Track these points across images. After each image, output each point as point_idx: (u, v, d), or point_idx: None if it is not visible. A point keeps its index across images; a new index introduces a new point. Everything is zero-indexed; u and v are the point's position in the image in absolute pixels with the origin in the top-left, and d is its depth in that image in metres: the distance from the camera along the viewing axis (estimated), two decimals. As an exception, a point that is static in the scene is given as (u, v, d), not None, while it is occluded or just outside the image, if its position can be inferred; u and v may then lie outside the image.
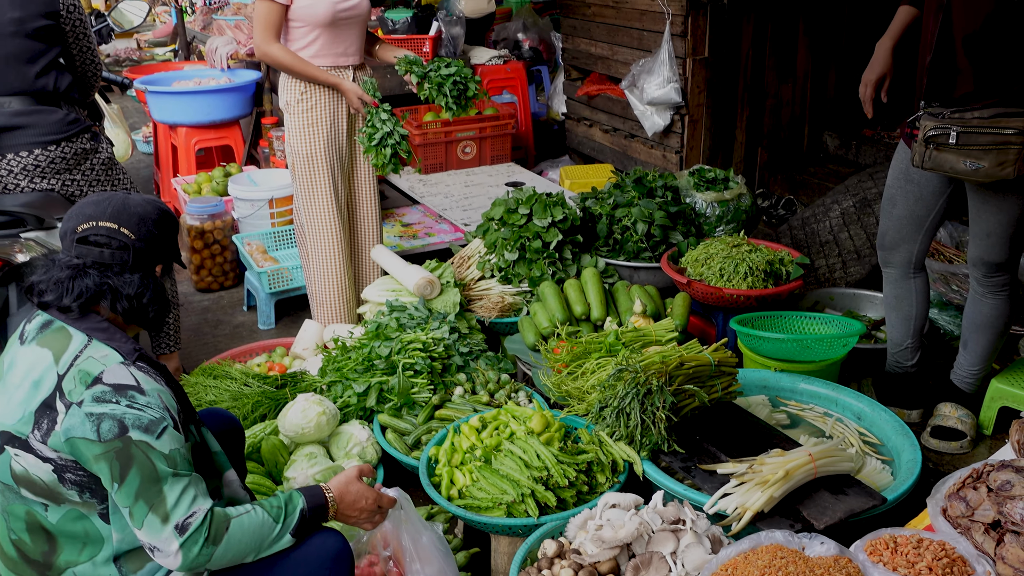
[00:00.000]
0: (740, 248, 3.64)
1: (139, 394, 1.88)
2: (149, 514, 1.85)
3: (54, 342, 1.94)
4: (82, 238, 1.99)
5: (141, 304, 2.03)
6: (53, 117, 3.23)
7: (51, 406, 1.87)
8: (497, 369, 3.43)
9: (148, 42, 10.02)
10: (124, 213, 2.01)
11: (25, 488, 1.91)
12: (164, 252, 2.11)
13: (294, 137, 3.81)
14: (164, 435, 1.88)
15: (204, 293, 5.06)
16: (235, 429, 2.57)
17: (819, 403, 3.15)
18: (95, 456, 1.85)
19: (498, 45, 7.34)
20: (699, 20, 4.99)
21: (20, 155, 3.17)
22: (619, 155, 5.86)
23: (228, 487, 2.17)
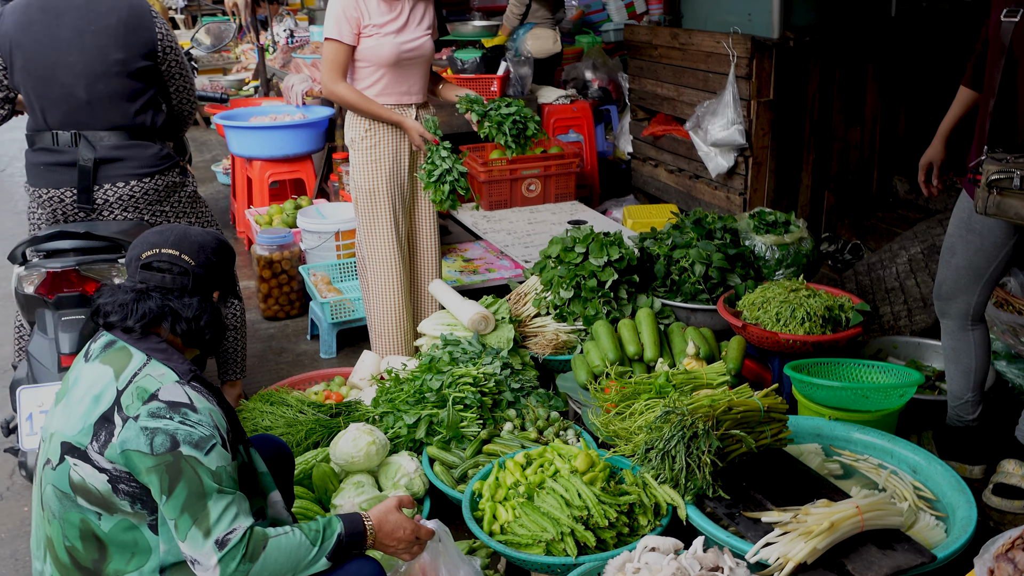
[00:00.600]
0: (798, 293, 3.60)
1: (191, 412, 1.98)
2: (192, 527, 1.93)
3: (116, 360, 2.05)
4: (146, 264, 2.14)
5: (198, 327, 2.15)
6: (148, 152, 3.41)
7: (109, 419, 1.97)
8: (547, 406, 3.44)
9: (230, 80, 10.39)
10: (185, 242, 2.17)
11: (81, 497, 2.00)
12: (221, 279, 2.24)
13: (358, 172, 3.92)
14: (212, 452, 1.97)
15: (270, 321, 5.19)
16: (285, 455, 2.65)
17: (874, 454, 3.08)
18: (147, 468, 1.94)
19: (567, 84, 7.41)
20: (764, 62, 4.97)
21: (116, 185, 3.36)
22: (684, 195, 5.85)
23: (272, 508, 2.23)
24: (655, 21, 6.54)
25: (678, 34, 5.67)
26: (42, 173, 3.36)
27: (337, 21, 3.70)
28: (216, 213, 7.27)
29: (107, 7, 3.28)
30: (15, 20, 3.25)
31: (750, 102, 5.04)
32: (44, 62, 3.25)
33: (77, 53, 3.25)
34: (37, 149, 3.37)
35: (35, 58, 3.25)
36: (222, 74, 11.41)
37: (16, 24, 3.24)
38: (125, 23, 3.29)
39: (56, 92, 3.27)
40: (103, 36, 3.26)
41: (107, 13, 3.27)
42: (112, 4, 3.29)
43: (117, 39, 3.28)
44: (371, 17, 3.72)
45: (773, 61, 4.99)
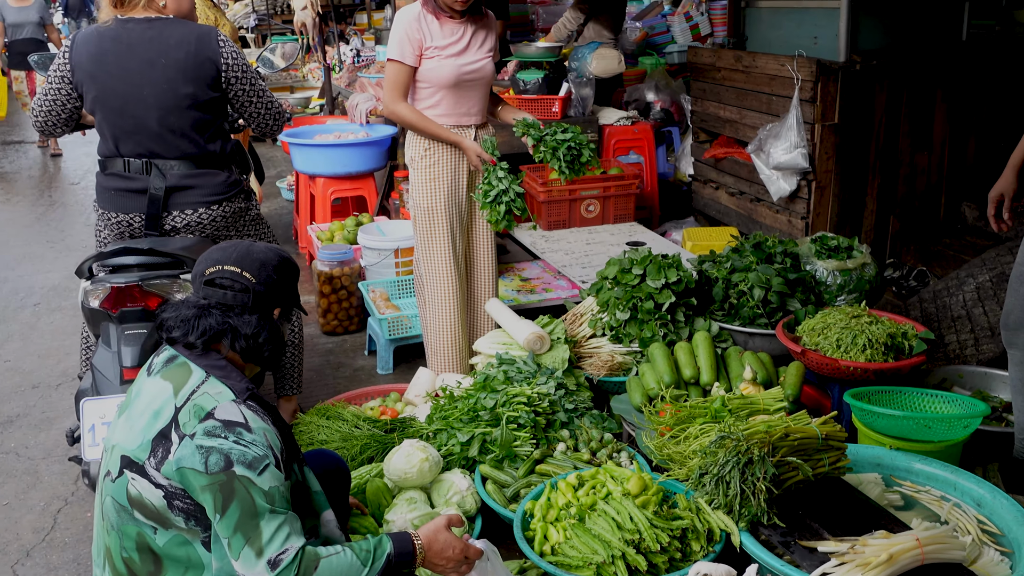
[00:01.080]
0: (860, 319, 3.54)
1: (246, 431, 2.01)
2: (245, 547, 1.95)
3: (176, 376, 2.10)
4: (209, 280, 2.19)
5: (257, 343, 2.18)
6: (216, 179, 3.49)
7: (167, 436, 2.01)
8: (601, 428, 3.43)
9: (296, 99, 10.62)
10: (248, 259, 2.21)
11: (138, 510, 2.04)
12: (283, 296, 2.27)
13: (417, 191, 3.96)
14: (265, 472, 1.99)
15: (329, 336, 5.26)
16: (342, 471, 2.68)
17: (936, 486, 3.00)
18: (201, 487, 1.97)
19: (629, 106, 7.41)
20: (829, 86, 4.92)
21: (185, 212, 3.44)
22: (744, 219, 5.80)
23: (325, 527, 2.25)
24: (719, 43, 6.52)
25: (742, 57, 5.64)
26: (113, 198, 3.44)
27: (400, 42, 3.76)
28: (279, 228, 7.43)
29: (176, 39, 3.32)
30: (88, 51, 3.31)
31: (814, 125, 4.98)
32: (116, 93, 3.31)
33: (149, 86, 3.31)
34: (109, 174, 3.45)
35: (107, 89, 3.32)
36: (289, 92, 11.66)
37: (89, 55, 3.31)
38: (194, 55, 3.32)
39: (128, 123, 3.35)
40: (173, 69, 3.31)
41: (176, 46, 3.32)
42: (181, 36, 3.33)
43: (186, 72, 3.32)
44: (433, 39, 3.77)
45: (839, 84, 4.93)
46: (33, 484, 3.78)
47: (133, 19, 3.32)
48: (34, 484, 3.78)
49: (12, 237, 7.60)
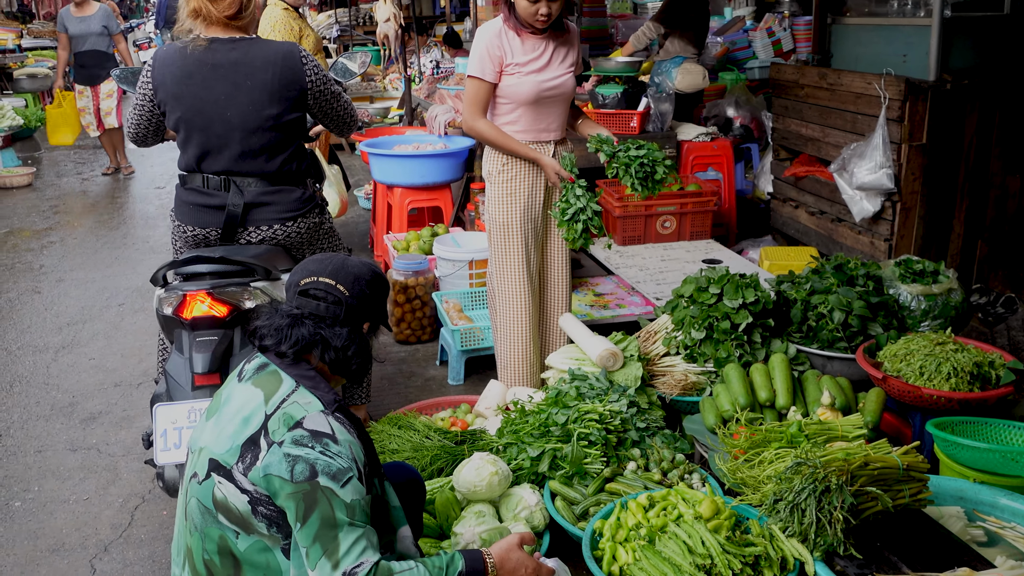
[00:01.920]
0: (945, 347, 3.43)
1: (332, 443, 2.04)
2: (323, 558, 1.97)
3: (267, 384, 2.14)
4: (304, 291, 2.24)
5: (346, 356, 2.22)
6: (292, 196, 3.51)
7: (256, 442, 2.05)
8: (673, 448, 3.39)
9: (376, 108, 10.76)
10: (342, 272, 2.26)
11: (222, 514, 2.08)
12: (373, 311, 2.31)
13: (493, 205, 3.98)
14: (348, 485, 2.01)
15: (402, 345, 5.31)
16: (418, 485, 2.69)
17: (1022, 522, 2.88)
18: (286, 494, 2.00)
19: (708, 121, 7.34)
20: (918, 105, 4.79)
21: (261, 229, 3.47)
22: (824, 239, 5.68)
23: (401, 542, 2.26)
24: (803, 60, 6.42)
25: (827, 74, 5.54)
26: (191, 212, 3.48)
27: (480, 59, 3.77)
28: (356, 236, 7.54)
29: (262, 61, 3.35)
30: (172, 73, 3.35)
31: (900, 145, 4.86)
32: (201, 114, 3.35)
33: (234, 108, 3.35)
34: (188, 188, 3.49)
35: (192, 110, 3.35)
36: (369, 102, 11.84)
37: (173, 77, 3.35)
38: (280, 77, 3.35)
39: (212, 142, 3.39)
40: (258, 91, 3.34)
41: (262, 68, 3.34)
42: (267, 58, 3.36)
43: (272, 94, 3.36)
44: (514, 56, 3.78)
45: (928, 104, 4.81)
46: (112, 480, 3.89)
47: (218, 39, 3.35)
48: (113, 480, 3.89)
49: (103, 244, 7.86)
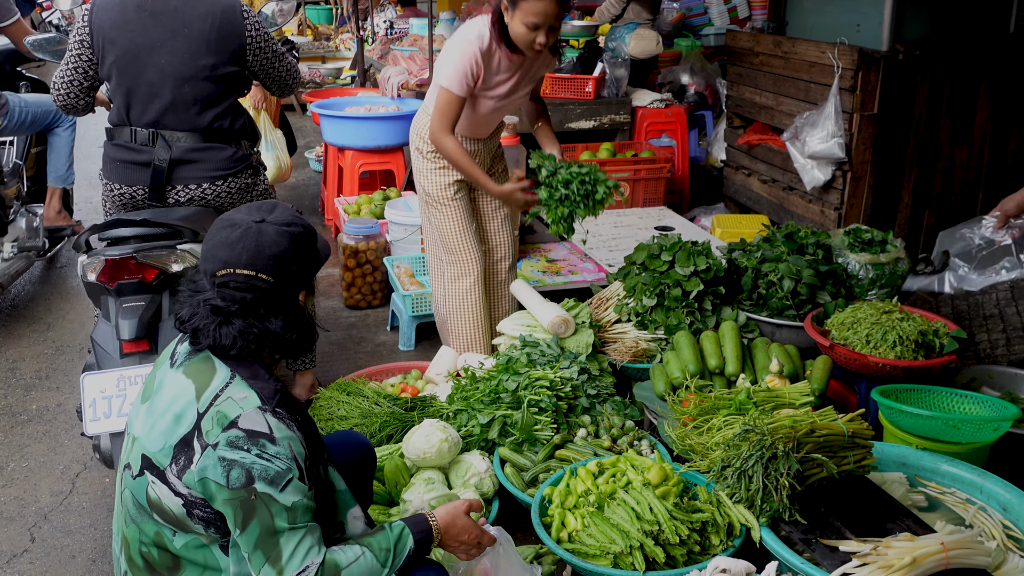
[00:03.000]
0: (891, 315, 3.47)
1: (270, 443, 1.92)
2: (266, 565, 1.90)
3: (199, 374, 2.00)
4: (222, 283, 2.00)
5: (288, 340, 2.06)
6: (222, 154, 3.44)
7: (189, 443, 1.94)
8: (623, 415, 3.40)
9: (328, 69, 10.57)
10: (259, 256, 1.99)
11: (157, 513, 2.00)
12: (305, 278, 2.10)
13: (425, 177, 3.93)
14: (288, 487, 1.92)
15: (352, 310, 5.25)
16: (368, 454, 2.64)
17: (962, 488, 2.94)
18: (223, 500, 1.92)
19: (663, 88, 7.32)
20: (870, 75, 4.82)
21: (189, 187, 3.41)
22: (775, 207, 5.72)
23: (352, 524, 2.18)
24: (758, 28, 6.41)
25: (781, 42, 5.54)
26: (117, 169, 3.41)
27: (459, 75, 3.57)
28: (306, 200, 7.42)
29: (202, 10, 3.29)
30: (111, 17, 3.29)
31: (852, 115, 4.89)
32: (135, 61, 3.29)
33: (169, 55, 3.28)
34: (116, 144, 3.42)
35: (127, 56, 3.28)
36: (321, 62, 11.63)
37: (112, 21, 3.28)
38: (218, 28, 3.30)
39: (143, 91, 3.32)
40: (195, 40, 3.29)
41: (201, 17, 3.29)
42: (207, 7, 3.30)
43: (209, 44, 3.30)
44: (489, 76, 3.65)
45: (880, 74, 4.83)
46: (54, 448, 3.80)
47: None
48: (55, 448, 3.81)
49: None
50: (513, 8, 3.45)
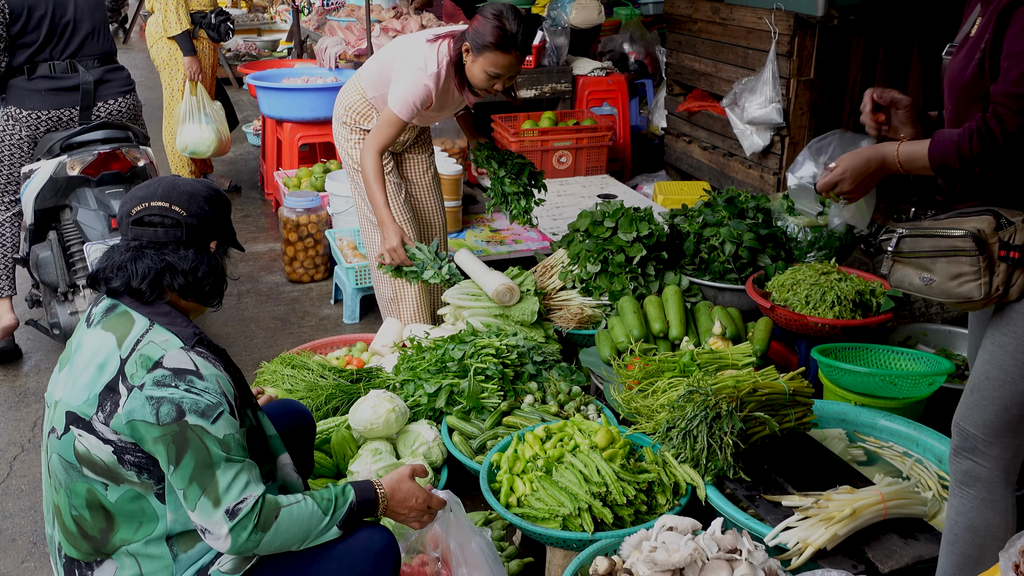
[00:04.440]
0: (829, 276, 3.53)
1: (197, 379, 1.93)
2: (202, 497, 1.90)
3: (117, 326, 2.00)
4: (137, 220, 2.06)
5: (196, 278, 2.07)
6: (123, 73, 4.30)
7: (114, 389, 1.93)
8: (569, 380, 3.41)
9: (264, 41, 10.37)
10: (174, 192, 2.08)
11: (87, 467, 1.97)
12: (217, 228, 2.14)
13: (353, 147, 3.91)
14: (220, 420, 1.92)
15: (295, 284, 5.19)
16: (307, 425, 2.62)
17: (899, 442, 3.03)
18: (153, 439, 1.90)
19: (604, 57, 7.31)
20: (806, 40, 4.87)
21: (108, 103, 4.17)
22: (716, 173, 5.77)
23: (281, 470, 2.20)
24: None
25: (719, 8, 5.56)
26: (43, 97, 4.01)
27: (408, 105, 3.56)
28: (245, 174, 7.30)
29: None
30: None
31: (790, 80, 4.94)
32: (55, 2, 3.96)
33: None
34: (35, 78, 4.01)
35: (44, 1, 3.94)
36: (257, 35, 11.40)
37: None
38: None
39: (64, 27, 3.99)
40: None
41: None
42: None
43: None
44: (434, 104, 3.66)
45: (816, 39, 4.88)
46: (-10, 430, 3.71)
47: None
48: (-9, 430, 3.71)
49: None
50: (476, 55, 3.47)
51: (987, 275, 2.00)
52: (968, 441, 2.14)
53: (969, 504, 2.15)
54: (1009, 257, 1.97)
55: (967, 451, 2.14)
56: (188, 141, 5.99)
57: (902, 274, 2.17)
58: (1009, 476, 2.12)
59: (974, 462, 2.13)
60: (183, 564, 2.02)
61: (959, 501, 2.17)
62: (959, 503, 2.17)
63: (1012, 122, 1.87)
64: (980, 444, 2.12)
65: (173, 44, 5.96)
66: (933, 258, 2.08)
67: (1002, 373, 2.06)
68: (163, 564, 2.01)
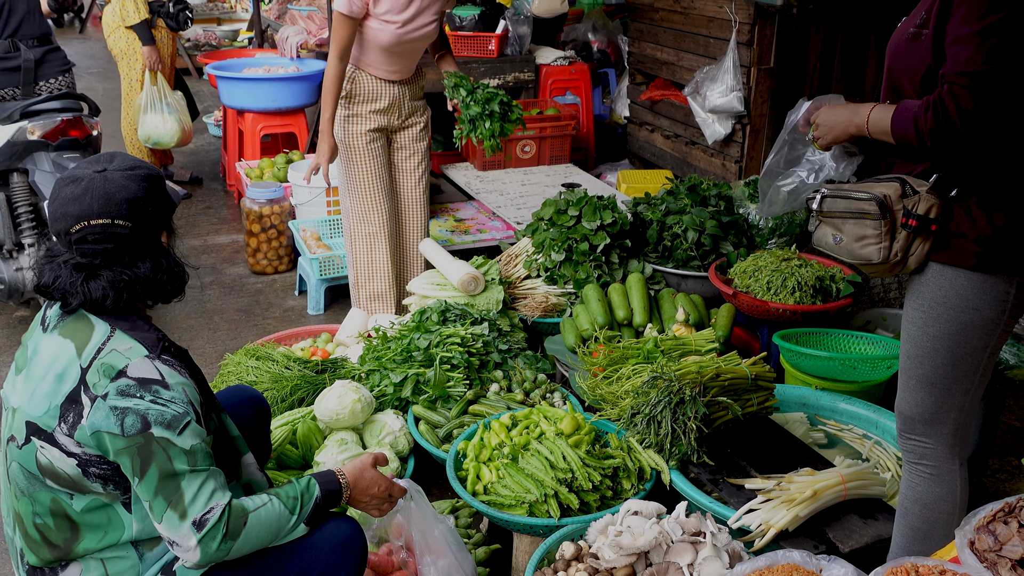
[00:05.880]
0: (790, 262, 3.58)
1: (163, 389, 1.88)
2: (168, 510, 1.86)
3: (76, 332, 1.93)
4: (79, 239, 1.91)
5: (159, 282, 1.99)
6: (60, 54, 4.70)
7: (76, 400, 1.88)
8: (535, 368, 3.43)
9: (224, 31, 10.24)
10: (111, 203, 1.91)
11: (50, 479, 1.93)
12: (162, 219, 2.01)
13: (338, 125, 3.87)
14: (186, 431, 1.88)
15: (259, 276, 5.15)
16: (261, 408, 2.58)
17: (859, 424, 3.08)
18: (117, 450, 1.86)
19: (567, 46, 7.32)
20: (766, 29, 4.91)
21: (49, 81, 4.56)
22: (679, 162, 5.81)
23: (245, 470, 2.18)
24: (657, -17, 6.42)
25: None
26: None
27: None
28: (207, 165, 7.22)
29: None
30: None
31: (750, 69, 4.98)
32: None
33: None
34: None
35: None
36: (216, 24, 11.26)
37: None
38: None
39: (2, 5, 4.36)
40: None
41: None
42: None
43: None
44: (379, 6, 3.64)
45: (775, 28, 4.93)
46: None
47: None
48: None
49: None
50: None
51: (888, 240, 2.06)
52: (908, 424, 2.20)
53: (918, 479, 2.21)
54: (908, 224, 2.03)
55: (909, 432, 2.21)
56: (151, 132, 5.92)
57: (821, 232, 2.21)
58: (955, 450, 2.19)
59: (918, 441, 2.20)
60: (149, 561, 2.00)
61: (909, 476, 2.24)
62: (909, 477, 2.24)
63: (966, 99, 1.92)
64: (919, 424, 2.18)
65: (131, 33, 5.88)
66: (844, 219, 2.13)
67: (918, 349, 2.12)
68: (129, 564, 1.98)
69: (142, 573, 1.99)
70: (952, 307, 2.06)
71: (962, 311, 2.05)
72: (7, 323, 4.58)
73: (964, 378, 2.12)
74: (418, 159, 4.08)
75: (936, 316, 2.08)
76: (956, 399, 2.13)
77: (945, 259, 2.05)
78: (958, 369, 2.10)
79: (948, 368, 2.10)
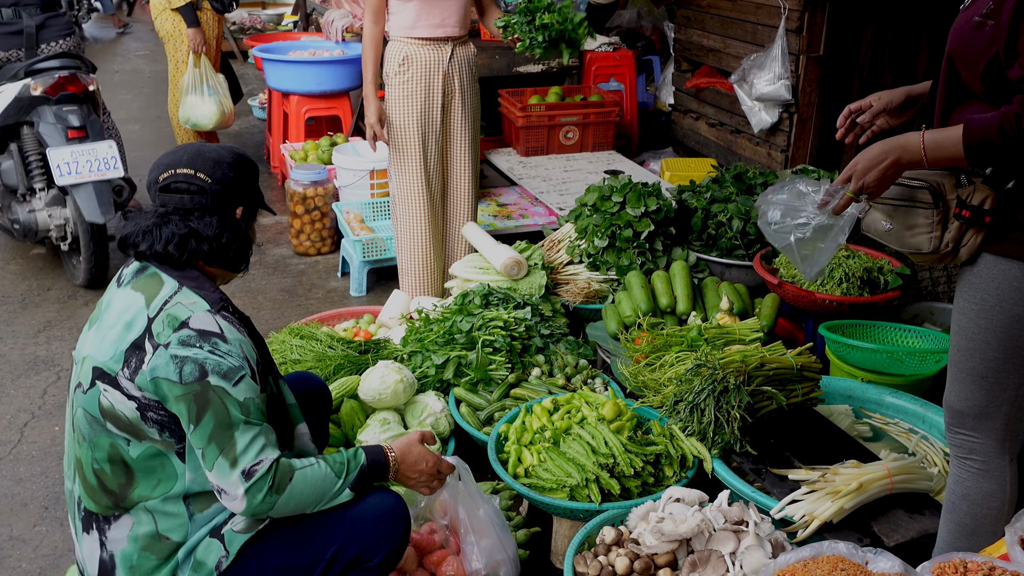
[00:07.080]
0: (837, 253, 3.53)
1: (222, 341, 1.97)
2: (220, 457, 1.93)
3: (147, 287, 2.04)
4: (164, 187, 2.09)
5: (221, 244, 2.10)
6: (63, 19, 4.85)
7: (140, 346, 1.97)
8: (576, 354, 3.42)
9: (268, 14, 10.31)
10: (200, 159, 2.10)
11: (111, 422, 2.01)
12: (243, 194, 2.17)
13: (390, 108, 3.89)
14: (241, 383, 1.96)
15: (302, 257, 5.20)
16: (323, 395, 2.65)
17: (905, 418, 3.04)
18: (175, 397, 1.94)
19: (611, 32, 7.28)
20: (816, 17, 4.84)
21: (51, 44, 4.75)
22: (723, 150, 5.76)
23: (299, 439, 2.24)
24: (705, -30, 6.35)
25: (728, -16, 5.53)
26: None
27: None
28: (251, 147, 7.29)
29: None
30: None
31: (799, 57, 4.91)
32: None
33: None
34: None
35: None
36: (261, 7, 11.34)
37: None
38: None
39: None
40: None
41: None
42: None
43: None
44: None
45: (826, 16, 4.85)
46: (0, 398, 3.75)
47: None
48: (0, 398, 3.73)
49: None
50: None
51: (939, 229, 2.02)
52: (957, 417, 2.16)
53: (966, 474, 2.18)
54: (961, 215, 1.99)
55: (958, 426, 2.17)
56: (190, 113, 5.98)
57: (872, 218, 2.16)
58: (1005, 444, 2.14)
59: (967, 436, 2.15)
60: (198, 523, 2.05)
61: (957, 470, 2.20)
62: (957, 472, 2.20)
63: None
64: (968, 418, 2.14)
65: (177, 16, 5.93)
66: (896, 205, 2.09)
67: (969, 342, 2.08)
68: (179, 522, 2.04)
69: (191, 533, 2.05)
70: (1005, 299, 2.02)
71: (1016, 303, 2.01)
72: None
73: (1016, 372, 2.07)
74: (468, 141, 4.06)
75: (988, 308, 2.04)
76: (1007, 393, 2.09)
77: (1000, 250, 2.01)
78: (1010, 362, 2.06)
79: (1000, 361, 2.06)
